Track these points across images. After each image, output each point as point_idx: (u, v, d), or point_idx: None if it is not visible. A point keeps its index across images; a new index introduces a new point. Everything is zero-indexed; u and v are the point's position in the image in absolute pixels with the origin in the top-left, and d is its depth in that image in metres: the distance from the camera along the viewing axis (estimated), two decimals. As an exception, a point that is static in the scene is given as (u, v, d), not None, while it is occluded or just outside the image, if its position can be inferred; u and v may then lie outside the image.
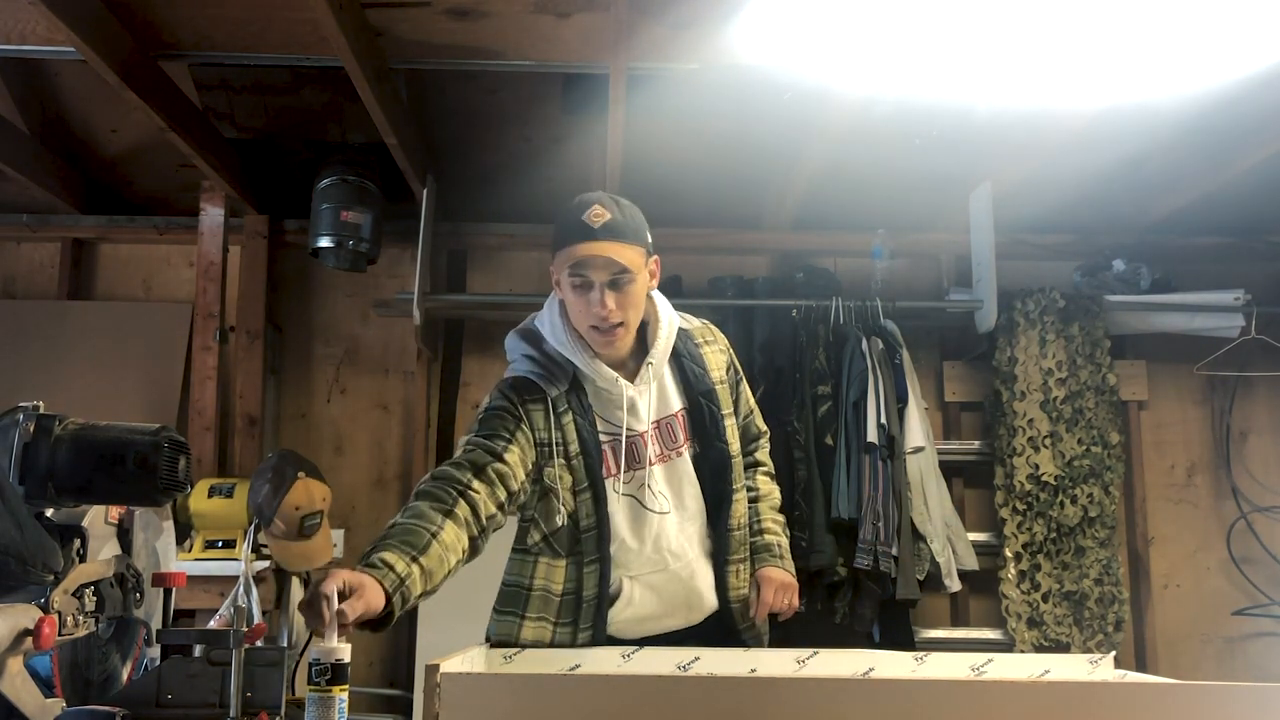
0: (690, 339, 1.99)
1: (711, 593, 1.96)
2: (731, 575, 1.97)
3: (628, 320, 1.85)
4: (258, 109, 3.27)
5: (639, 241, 1.85)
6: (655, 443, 1.91)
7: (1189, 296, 3.79)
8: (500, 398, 1.88)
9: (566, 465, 1.85)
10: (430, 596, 1.62)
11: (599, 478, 1.85)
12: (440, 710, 1.30)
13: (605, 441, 1.89)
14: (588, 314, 1.83)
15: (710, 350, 2.00)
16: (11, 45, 2.79)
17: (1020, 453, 3.61)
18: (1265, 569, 3.85)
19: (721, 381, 1.98)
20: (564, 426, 1.86)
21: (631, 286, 1.83)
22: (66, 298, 3.89)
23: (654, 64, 2.89)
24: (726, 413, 1.95)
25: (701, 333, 2.03)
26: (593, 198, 1.86)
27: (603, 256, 1.79)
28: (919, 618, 3.66)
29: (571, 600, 1.88)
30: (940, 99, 3.02)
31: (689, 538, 1.94)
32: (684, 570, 1.93)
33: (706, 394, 1.94)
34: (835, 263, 3.93)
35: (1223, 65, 2.78)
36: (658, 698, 1.33)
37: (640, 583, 1.92)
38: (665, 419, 1.93)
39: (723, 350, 2.04)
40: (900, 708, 1.31)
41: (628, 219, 1.84)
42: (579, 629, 1.88)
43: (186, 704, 1.47)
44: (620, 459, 1.89)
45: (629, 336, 1.89)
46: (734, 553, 1.97)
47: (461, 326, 3.97)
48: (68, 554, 1.48)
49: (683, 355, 1.96)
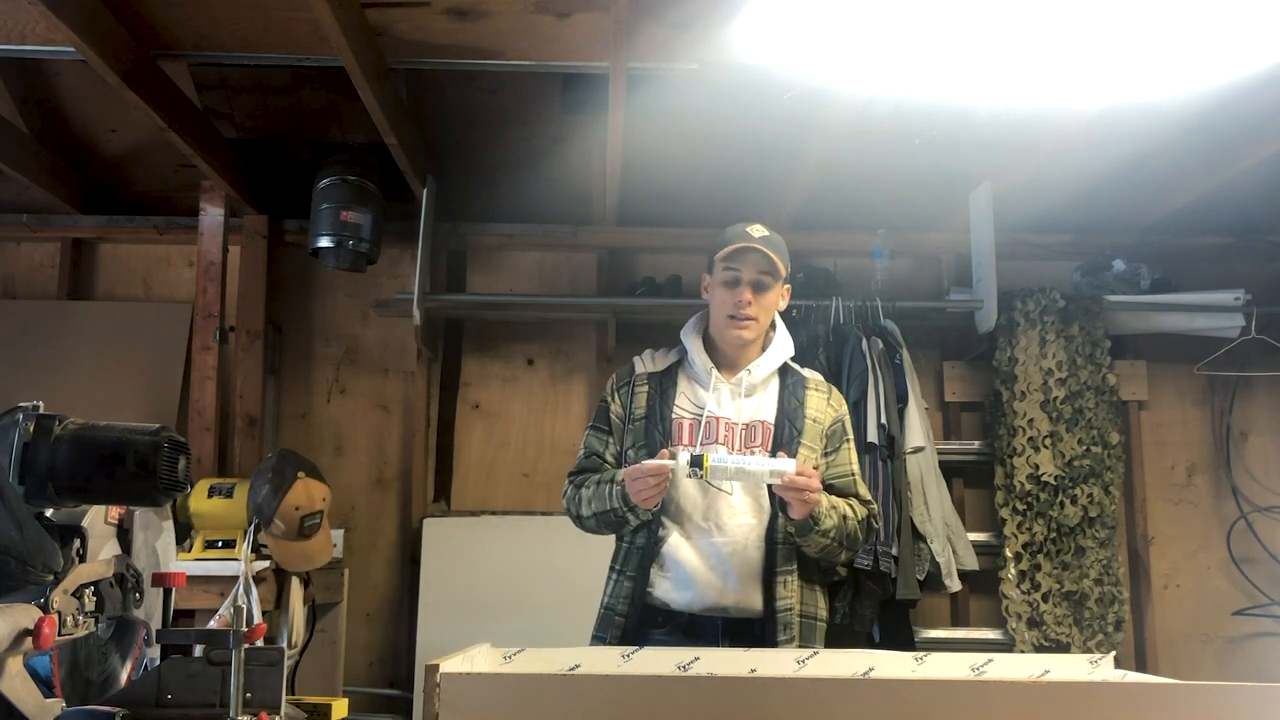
0: (803, 383, 2.26)
1: (755, 593, 2.11)
2: (779, 585, 2.12)
3: (759, 318, 2.20)
4: (258, 109, 3.27)
5: (784, 260, 2.22)
6: (738, 437, 2.18)
7: (1189, 296, 3.79)
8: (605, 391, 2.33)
9: (632, 429, 2.22)
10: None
11: (657, 442, 2.15)
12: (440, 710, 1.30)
13: (686, 417, 2.20)
14: (729, 303, 2.20)
15: (815, 395, 2.25)
16: (11, 45, 2.79)
17: (1020, 453, 3.61)
18: (1265, 569, 3.85)
19: (814, 420, 2.21)
20: (637, 396, 2.25)
21: (769, 292, 2.21)
22: (66, 298, 3.89)
23: (654, 64, 2.89)
24: (806, 441, 2.18)
25: (815, 383, 2.29)
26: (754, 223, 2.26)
27: (756, 252, 2.17)
28: (919, 618, 3.66)
29: (627, 548, 2.19)
30: (940, 99, 3.02)
31: (741, 526, 2.13)
32: (726, 547, 2.11)
33: (792, 418, 2.19)
34: (835, 263, 3.94)
35: (1223, 65, 2.78)
36: (658, 698, 1.33)
37: (687, 543, 2.13)
38: (753, 423, 2.20)
39: (833, 406, 2.27)
40: (900, 708, 1.31)
41: (780, 243, 2.24)
42: (625, 575, 2.16)
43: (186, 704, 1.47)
44: (698, 434, 2.17)
45: (756, 334, 2.22)
46: (784, 562, 2.13)
47: (461, 326, 3.97)
48: (68, 554, 1.48)
49: (787, 387, 2.24)
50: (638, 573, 2.14)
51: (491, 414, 3.92)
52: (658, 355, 2.33)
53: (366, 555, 3.80)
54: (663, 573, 2.14)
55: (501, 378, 3.93)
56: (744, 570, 2.11)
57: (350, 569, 3.67)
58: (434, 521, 3.71)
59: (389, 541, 3.82)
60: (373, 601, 3.78)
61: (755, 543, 2.12)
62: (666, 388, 2.24)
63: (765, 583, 2.11)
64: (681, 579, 2.12)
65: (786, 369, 2.28)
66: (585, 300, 3.91)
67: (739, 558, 2.11)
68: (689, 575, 2.11)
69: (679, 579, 2.12)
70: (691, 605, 2.11)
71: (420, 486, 3.80)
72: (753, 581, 2.12)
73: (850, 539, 2.15)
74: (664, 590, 2.13)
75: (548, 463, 3.88)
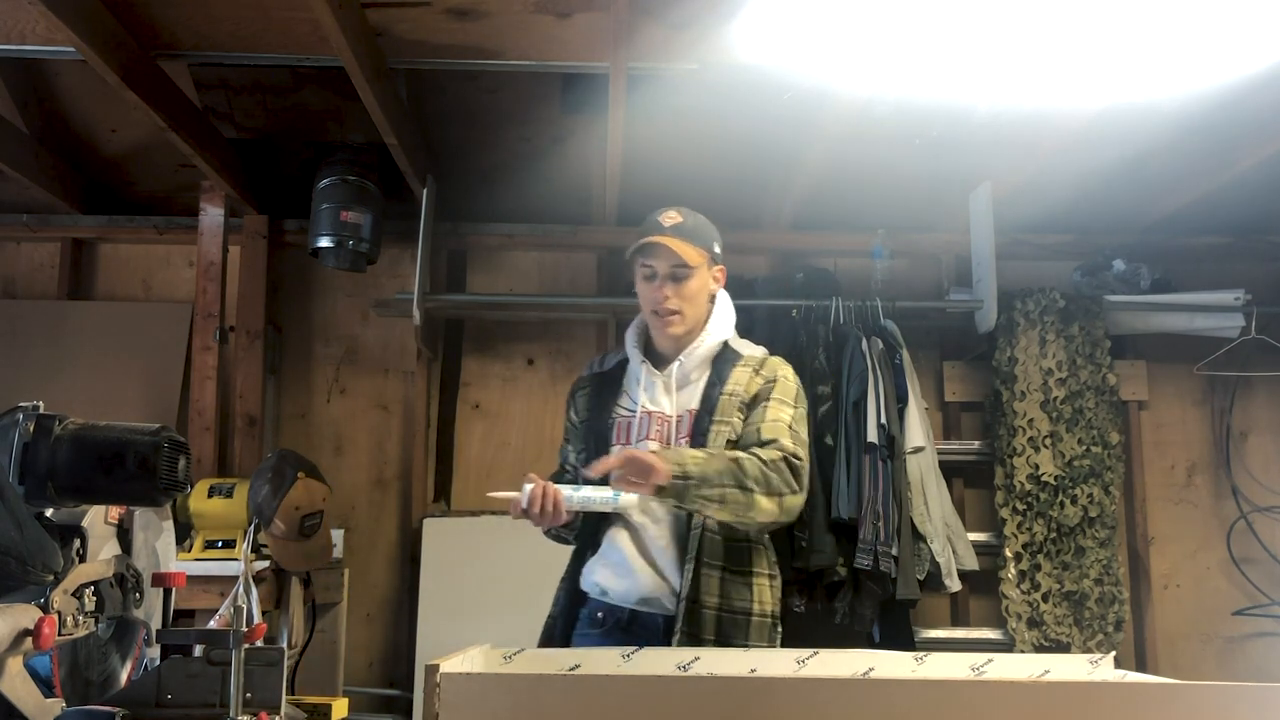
0: (733, 359, 2.17)
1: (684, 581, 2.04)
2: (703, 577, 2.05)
3: (684, 310, 2.13)
4: (258, 109, 3.27)
5: (703, 245, 2.14)
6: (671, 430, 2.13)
7: (1189, 296, 3.79)
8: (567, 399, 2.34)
9: (577, 432, 2.25)
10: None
11: (598, 444, 2.15)
12: (440, 710, 1.30)
13: (623, 417, 2.18)
14: (649, 299, 2.15)
15: (741, 370, 2.15)
16: (11, 45, 2.79)
17: (1020, 453, 3.61)
18: (1265, 569, 3.85)
19: (730, 394, 2.12)
20: (581, 399, 2.27)
21: (689, 281, 2.12)
22: (66, 298, 3.89)
23: (654, 64, 2.89)
24: (718, 419, 2.10)
25: (748, 359, 2.19)
26: (671, 207, 2.17)
27: (665, 247, 2.09)
28: (919, 618, 3.66)
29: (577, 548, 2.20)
30: (940, 99, 3.02)
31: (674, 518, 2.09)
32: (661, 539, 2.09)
33: (710, 399, 2.12)
34: (835, 263, 3.93)
35: (1223, 65, 2.78)
36: (658, 698, 1.33)
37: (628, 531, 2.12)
38: (684, 414, 2.15)
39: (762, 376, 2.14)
40: (900, 708, 1.31)
41: (697, 226, 2.15)
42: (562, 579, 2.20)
43: (186, 704, 1.47)
44: (632, 433, 2.14)
45: (686, 326, 2.15)
46: (709, 554, 2.06)
47: (461, 326, 3.97)
48: (68, 554, 1.48)
49: (717, 369, 2.17)
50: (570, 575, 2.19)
51: (491, 414, 3.92)
52: (608, 356, 2.32)
53: (366, 555, 3.80)
54: (601, 560, 2.13)
55: (501, 378, 3.93)
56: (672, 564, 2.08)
57: (350, 569, 3.67)
58: (434, 521, 3.71)
59: (389, 541, 3.82)
60: (373, 601, 3.78)
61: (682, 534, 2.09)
62: (605, 389, 2.23)
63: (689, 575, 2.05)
64: (620, 566, 2.11)
65: (727, 350, 2.19)
66: (585, 300, 3.91)
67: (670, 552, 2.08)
68: (627, 563, 2.10)
69: (617, 567, 2.11)
70: (629, 597, 2.08)
71: (420, 486, 3.80)
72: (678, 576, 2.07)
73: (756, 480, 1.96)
74: (601, 578, 2.12)
75: (548, 463, 3.82)
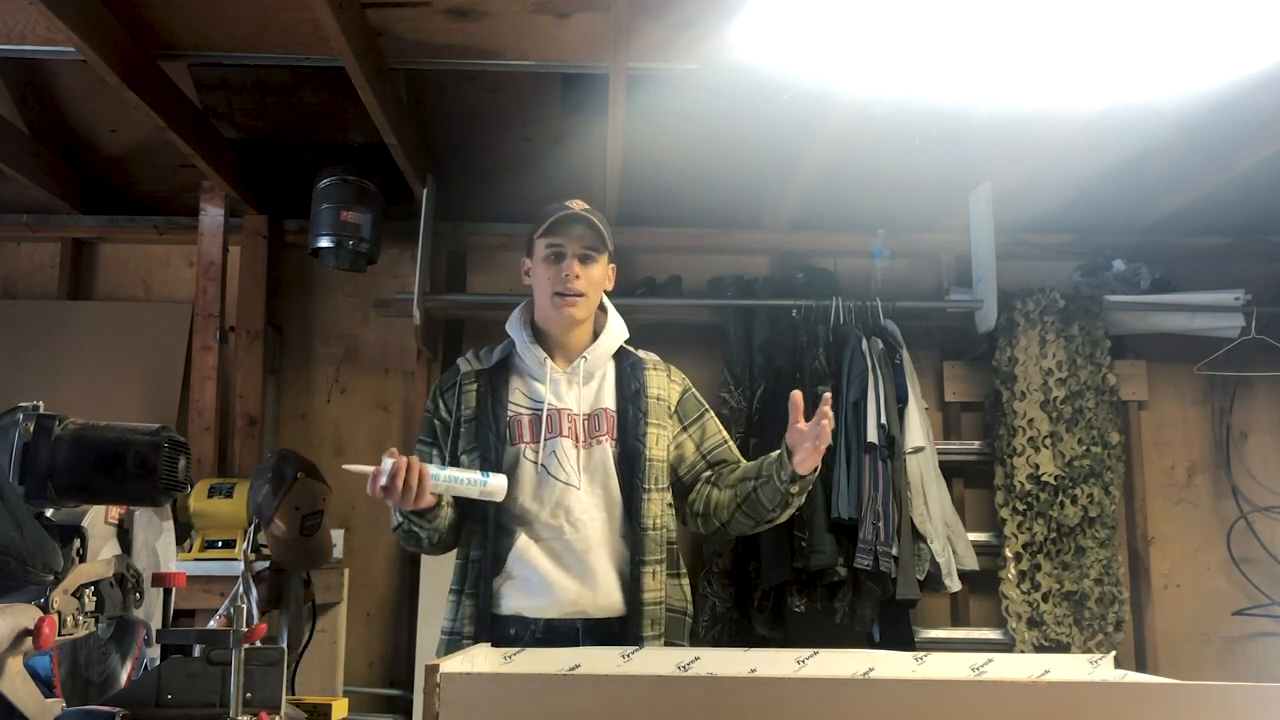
0: (640, 364, 2.18)
1: (615, 588, 2.02)
2: (647, 576, 2.02)
3: (588, 293, 2.10)
4: (258, 109, 3.27)
5: (609, 235, 2.13)
6: (581, 428, 2.08)
7: (1189, 296, 3.79)
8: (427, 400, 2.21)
9: (462, 431, 2.09)
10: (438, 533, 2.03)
11: (490, 443, 2.05)
12: (440, 710, 1.30)
13: (524, 413, 2.09)
14: (555, 280, 2.08)
15: (654, 374, 2.18)
16: (11, 45, 2.79)
17: (1020, 453, 3.61)
18: (1265, 569, 3.85)
19: (657, 399, 2.14)
20: (465, 396, 2.12)
21: (596, 266, 2.11)
22: (66, 298, 3.89)
23: (654, 64, 2.89)
24: (653, 422, 2.11)
25: (653, 362, 2.21)
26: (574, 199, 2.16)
27: (581, 221, 2.08)
28: (919, 618, 3.66)
29: (462, 565, 2.07)
30: (940, 99, 3.02)
31: (594, 520, 2.04)
32: (580, 543, 2.02)
33: (634, 402, 2.11)
34: (835, 263, 3.93)
35: (1223, 65, 2.78)
36: (658, 698, 1.33)
37: (537, 545, 2.02)
38: (595, 412, 2.11)
39: (675, 382, 2.21)
40: (900, 708, 1.31)
41: (600, 219, 2.12)
42: (465, 594, 2.04)
43: (186, 704, 1.47)
44: (539, 430, 2.07)
45: (587, 312, 2.12)
46: (650, 553, 2.03)
47: (461, 326, 3.97)
48: (68, 554, 1.48)
49: (624, 370, 2.16)
50: (478, 588, 2.01)
51: (491, 414, 3.91)
52: (483, 353, 2.19)
53: (366, 555, 3.80)
54: (512, 581, 2.01)
55: (501, 378, 3.92)
56: (603, 566, 2.01)
57: (350, 569, 3.67)
58: (434, 521, 3.71)
59: (389, 541, 3.82)
60: (373, 601, 3.78)
61: (613, 538, 2.04)
62: (498, 385, 2.11)
63: (631, 576, 2.01)
64: (534, 584, 2.00)
65: (622, 353, 2.18)
66: (585, 300, 3.90)
67: (595, 553, 2.01)
68: (543, 579, 1.99)
69: (532, 585, 2.00)
70: (547, 611, 1.99)
71: (420, 486, 3.80)
72: (615, 580, 2.02)
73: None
74: (515, 600, 2.01)
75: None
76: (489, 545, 2.02)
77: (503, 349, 2.19)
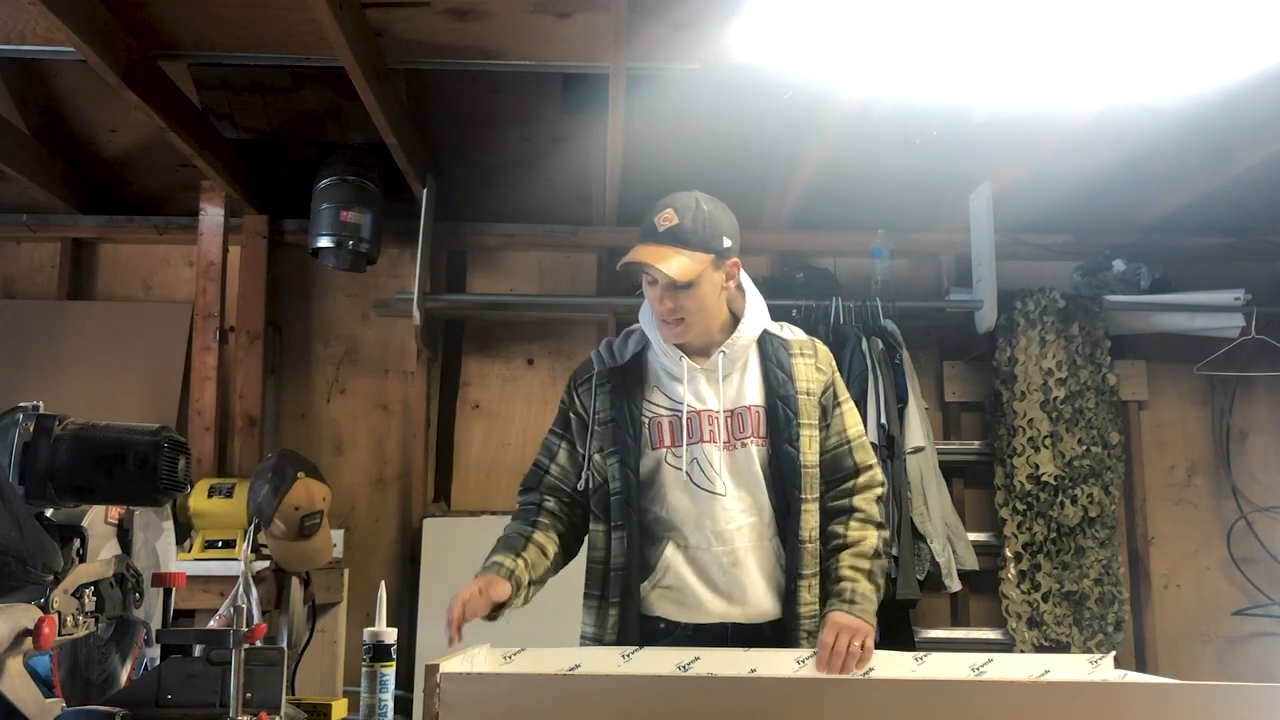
0: (785, 348, 2.01)
1: (767, 596, 1.94)
2: (803, 590, 1.93)
3: (689, 318, 1.93)
4: (258, 109, 3.27)
5: (705, 249, 1.90)
6: (723, 428, 1.95)
7: (1189, 296, 3.79)
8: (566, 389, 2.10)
9: (598, 431, 1.99)
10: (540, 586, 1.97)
11: (628, 446, 1.94)
12: (440, 710, 1.30)
13: (664, 416, 1.97)
14: (654, 307, 1.96)
15: (803, 362, 2.01)
16: (11, 45, 2.79)
17: (1020, 453, 3.61)
18: (1265, 569, 3.85)
19: (807, 393, 1.97)
20: (600, 397, 2.00)
21: (691, 290, 1.91)
22: (66, 298, 3.89)
23: (654, 64, 2.89)
24: (805, 422, 1.95)
25: (800, 345, 2.04)
26: (671, 200, 1.93)
27: (655, 267, 1.88)
28: (919, 618, 3.66)
29: (601, 570, 1.97)
30: (940, 99, 3.02)
31: (741, 528, 1.94)
32: (727, 556, 1.92)
33: (785, 399, 1.96)
34: (835, 263, 3.93)
35: (1223, 65, 2.78)
36: (658, 698, 1.33)
37: (684, 554, 1.94)
38: (738, 409, 1.97)
39: (823, 370, 2.03)
40: (900, 708, 1.31)
41: (697, 226, 1.90)
42: (608, 601, 1.94)
43: (186, 704, 1.47)
44: (679, 433, 1.95)
45: (697, 330, 1.96)
46: (806, 567, 1.93)
47: (461, 326, 3.97)
48: (68, 554, 1.48)
49: (769, 358, 2.00)
50: (624, 595, 1.93)
51: (491, 414, 3.92)
52: (617, 346, 2.04)
53: (366, 555, 3.80)
54: (660, 590, 1.95)
55: (502, 378, 3.93)
56: (751, 579, 1.93)
57: (350, 569, 3.67)
58: (434, 521, 3.71)
59: (389, 541, 3.82)
60: (373, 601, 3.77)
61: (762, 545, 1.94)
62: (632, 385, 1.99)
63: (786, 589, 1.93)
64: (682, 595, 1.94)
65: (765, 335, 2.02)
66: (585, 300, 3.91)
67: (743, 566, 1.93)
68: (691, 592, 1.93)
69: (679, 595, 1.94)
70: (695, 618, 1.94)
71: (420, 486, 3.80)
72: (767, 588, 1.94)
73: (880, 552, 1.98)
74: (663, 607, 1.95)
75: (548, 463, 3.88)
76: (633, 553, 1.93)
77: (637, 341, 2.04)
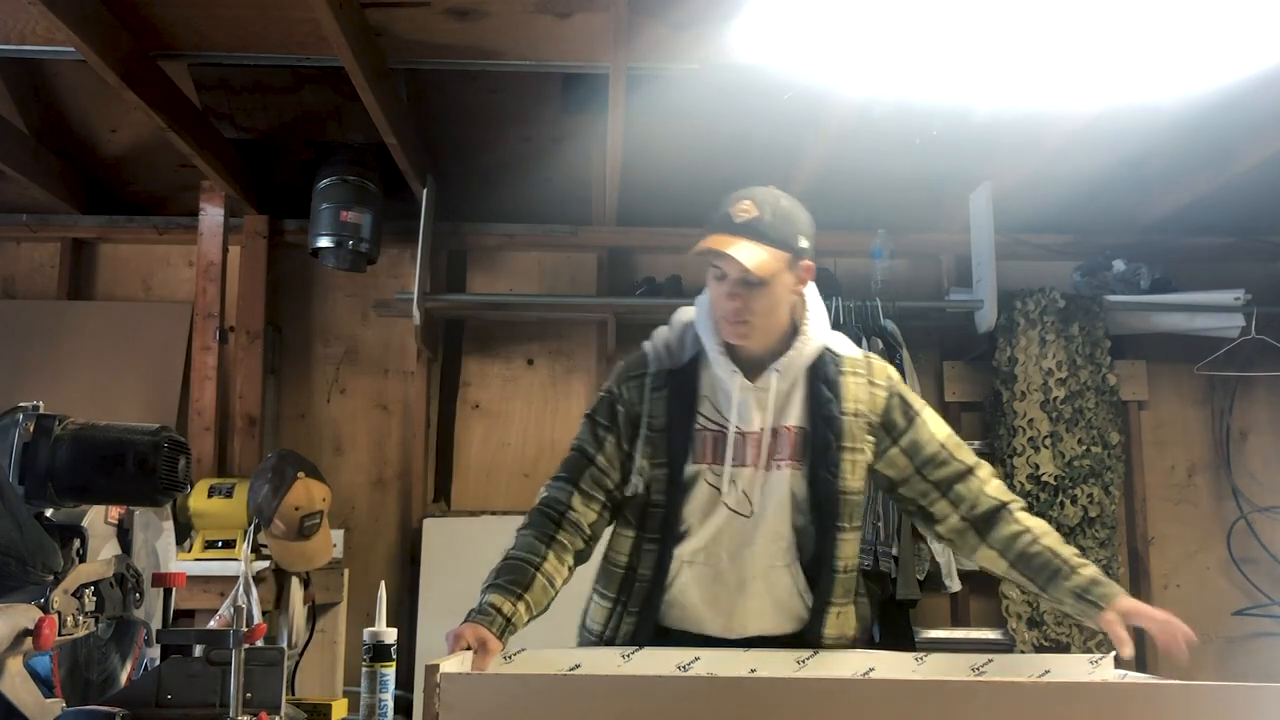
0: (837, 364, 1.88)
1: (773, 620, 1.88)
2: (831, 616, 1.86)
3: (754, 320, 1.81)
4: (258, 109, 3.27)
5: (783, 246, 1.79)
6: (764, 449, 1.84)
7: (1189, 296, 3.79)
8: (610, 379, 1.94)
9: (649, 438, 1.85)
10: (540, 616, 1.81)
11: (678, 459, 1.83)
12: (440, 710, 1.30)
13: (710, 430, 1.85)
14: (718, 305, 1.82)
15: (854, 380, 1.87)
16: (11, 45, 2.79)
17: (1020, 453, 3.61)
18: (1265, 569, 3.85)
19: (855, 414, 1.85)
20: (654, 401, 1.86)
21: (763, 289, 1.78)
22: (66, 298, 3.89)
23: (654, 64, 2.89)
24: (848, 446, 1.84)
25: (854, 363, 1.90)
26: (749, 193, 1.81)
27: (731, 258, 1.75)
28: (919, 618, 3.66)
29: (624, 575, 1.87)
30: (940, 99, 3.02)
31: (757, 551, 1.85)
32: (732, 579, 1.86)
33: (828, 419, 1.84)
34: (835, 263, 3.93)
35: (1223, 65, 2.78)
36: (658, 698, 1.33)
37: (692, 569, 1.87)
38: (778, 428, 1.85)
39: (880, 385, 1.90)
40: (900, 708, 1.31)
41: (776, 220, 1.79)
42: (627, 609, 1.87)
43: (186, 704, 1.47)
44: (722, 451, 1.83)
45: (762, 335, 1.84)
46: (838, 596, 1.86)
47: (461, 326, 3.97)
48: (68, 554, 1.48)
49: (817, 374, 1.87)
50: (643, 604, 1.86)
51: (491, 414, 3.92)
52: (673, 344, 1.91)
53: (366, 555, 3.80)
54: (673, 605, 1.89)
55: (501, 378, 3.93)
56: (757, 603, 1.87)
57: (350, 569, 3.67)
58: (434, 521, 3.71)
59: (389, 541, 3.82)
60: (373, 601, 3.76)
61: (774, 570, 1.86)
62: (688, 393, 1.86)
63: (812, 615, 1.86)
64: (684, 614, 1.89)
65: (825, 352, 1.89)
66: (585, 300, 3.91)
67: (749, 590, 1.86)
68: (694, 609, 1.88)
69: (689, 612, 1.89)
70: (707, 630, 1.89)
71: (420, 486, 3.80)
72: (774, 614, 1.88)
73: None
74: (676, 620, 1.89)
75: (548, 463, 3.87)
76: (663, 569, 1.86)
77: (694, 341, 1.89)
